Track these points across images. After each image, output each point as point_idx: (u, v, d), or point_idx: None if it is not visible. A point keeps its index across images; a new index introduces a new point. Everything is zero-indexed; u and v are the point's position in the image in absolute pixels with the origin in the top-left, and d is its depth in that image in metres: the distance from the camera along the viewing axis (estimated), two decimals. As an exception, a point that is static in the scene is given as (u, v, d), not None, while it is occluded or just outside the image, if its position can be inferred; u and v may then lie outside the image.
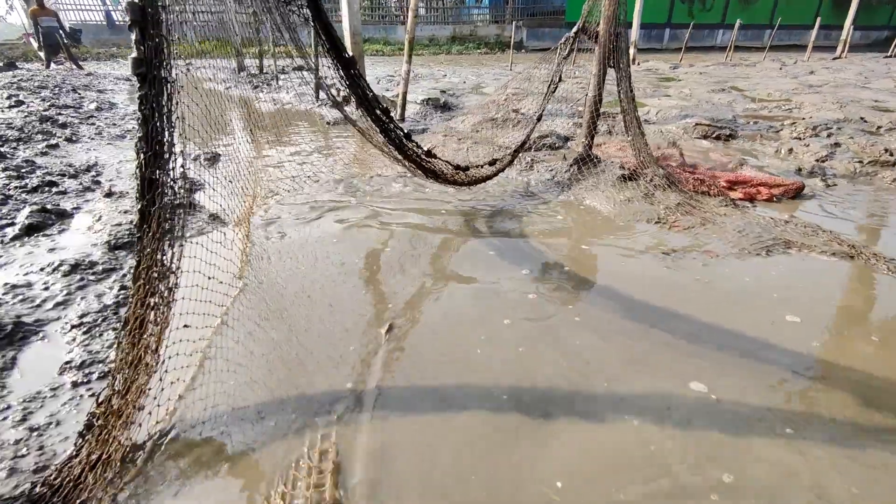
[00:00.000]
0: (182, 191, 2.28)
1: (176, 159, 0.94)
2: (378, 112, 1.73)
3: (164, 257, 0.93)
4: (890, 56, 14.94)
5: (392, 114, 4.75)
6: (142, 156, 0.88)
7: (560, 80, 2.71)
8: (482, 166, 2.27)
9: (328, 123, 4.18)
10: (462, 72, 10.08)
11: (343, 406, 1.00)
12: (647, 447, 0.91)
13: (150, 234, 0.89)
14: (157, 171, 0.90)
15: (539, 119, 2.68)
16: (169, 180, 0.93)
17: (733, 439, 0.92)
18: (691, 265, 1.61)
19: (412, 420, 0.97)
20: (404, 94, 4.31)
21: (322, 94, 5.96)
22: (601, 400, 1.02)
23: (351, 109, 2.15)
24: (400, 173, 2.65)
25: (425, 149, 1.88)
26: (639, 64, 11.20)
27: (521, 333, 1.25)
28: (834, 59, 12.03)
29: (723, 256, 1.66)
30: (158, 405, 0.93)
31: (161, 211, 0.90)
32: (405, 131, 1.79)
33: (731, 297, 1.42)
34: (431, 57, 17.15)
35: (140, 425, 0.90)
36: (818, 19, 12.85)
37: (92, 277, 1.50)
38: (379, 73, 8.91)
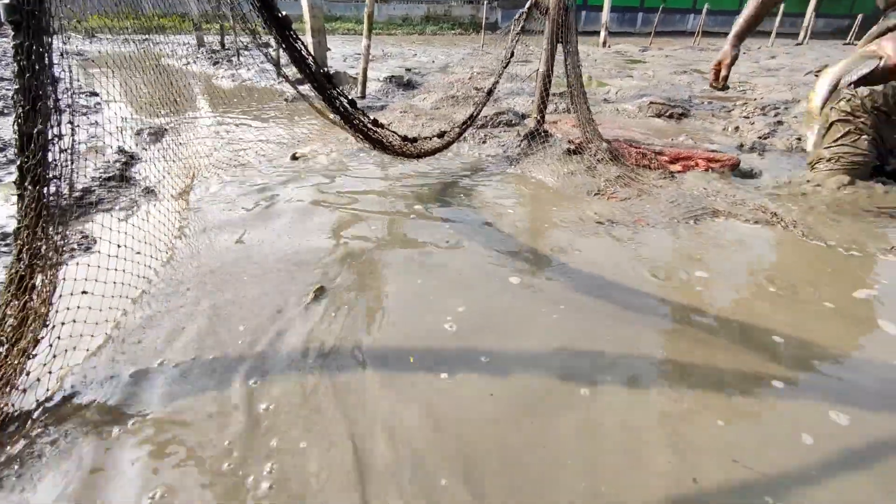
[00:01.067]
0: (116, 163, 2.18)
1: (61, 115, 0.90)
2: (320, 78, 1.68)
3: (51, 221, 0.89)
4: (848, 43, 15.37)
5: (354, 91, 4.62)
6: (20, 109, 0.84)
7: (512, 55, 2.71)
8: (430, 138, 2.26)
9: (286, 100, 4.07)
10: (433, 51, 9.92)
11: (254, 374, 1.00)
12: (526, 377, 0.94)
13: (32, 193, 0.86)
14: (39, 126, 0.86)
15: (489, 94, 2.67)
16: (54, 137, 0.89)
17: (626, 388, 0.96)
18: (621, 233, 1.66)
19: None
20: (364, 70, 4.23)
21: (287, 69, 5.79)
22: (507, 352, 1.05)
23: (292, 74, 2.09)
24: (354, 150, 2.61)
25: (371, 118, 1.86)
26: (609, 47, 11.22)
27: (453, 297, 1.26)
28: (796, 44, 12.33)
29: (653, 225, 1.71)
30: (50, 372, 0.91)
31: (43, 168, 0.86)
32: (349, 98, 1.74)
33: (651, 258, 1.47)
34: (404, 36, 16.80)
35: (25, 391, 0.88)
36: (781, 6, 13.09)
37: None
38: (347, 52, 8.70)
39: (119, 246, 1.22)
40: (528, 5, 2.65)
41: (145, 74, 2.22)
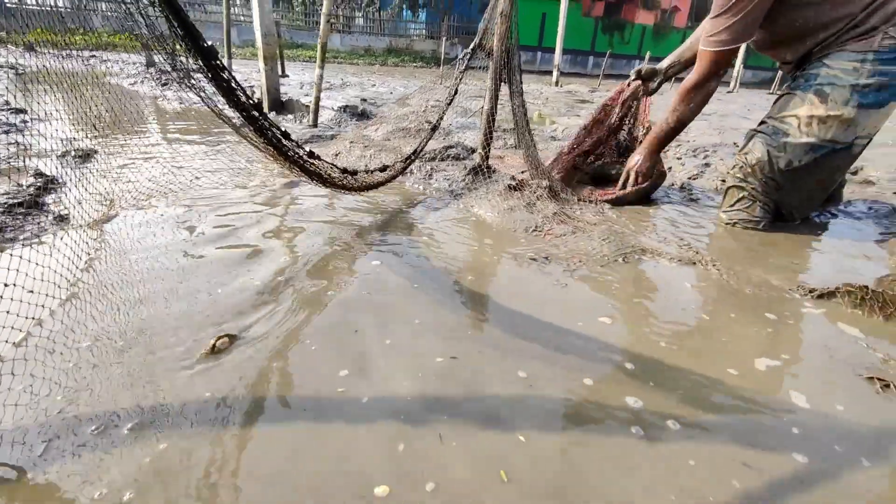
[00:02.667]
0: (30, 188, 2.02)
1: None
2: (249, 108, 1.63)
3: None
4: (772, 92, 16.95)
5: (306, 119, 4.58)
6: None
7: (456, 92, 2.78)
8: (373, 172, 2.24)
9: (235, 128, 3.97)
10: (392, 83, 10.10)
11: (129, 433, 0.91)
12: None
13: None
14: None
15: (434, 129, 2.72)
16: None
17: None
18: (554, 270, 1.68)
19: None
20: (317, 99, 4.22)
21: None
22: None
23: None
24: (291, 181, 2.56)
25: (307, 150, 1.82)
26: (561, 86, 11.83)
27: (369, 336, 1.22)
28: (728, 92, 13.48)
29: (585, 263, 1.75)
30: None
31: None
32: (282, 129, 1.69)
33: (578, 298, 1.50)
34: (366, 67, 17.08)
35: None
36: (715, 56, 14.28)
37: None
38: (306, 79, 8.71)
39: (24, 288, 1.11)
40: (471, 46, 2.75)
41: (85, 93, 2.11)
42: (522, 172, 2.81)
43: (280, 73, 9.45)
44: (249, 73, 8.69)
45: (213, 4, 21.43)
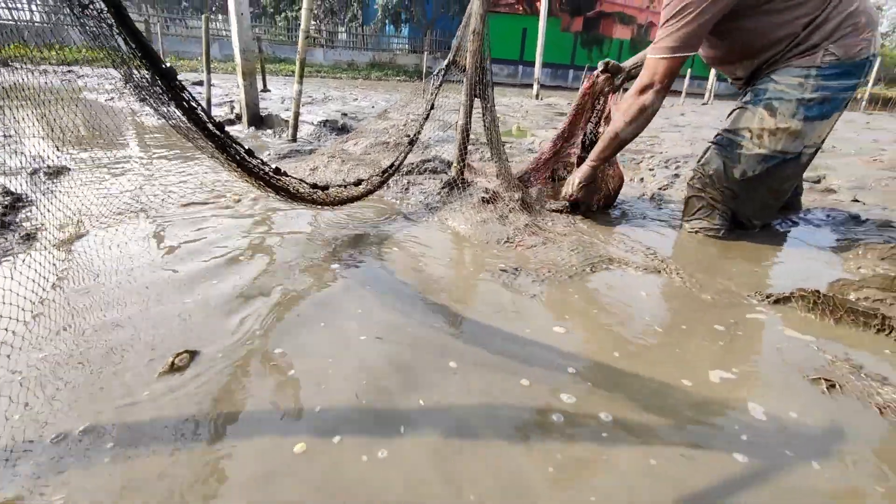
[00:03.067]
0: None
1: None
2: (210, 127, 1.64)
3: None
4: (745, 104, 17.34)
5: (285, 134, 4.59)
6: None
7: (432, 107, 2.84)
8: (346, 186, 2.27)
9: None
10: (375, 96, 10.18)
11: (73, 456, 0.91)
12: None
13: None
14: None
15: (412, 143, 2.76)
16: None
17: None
18: (523, 281, 1.72)
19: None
20: (296, 114, 4.25)
21: (215, 111, 5.68)
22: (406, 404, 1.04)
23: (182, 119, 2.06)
24: (261, 196, 2.57)
25: (273, 167, 1.83)
26: (542, 99, 12.05)
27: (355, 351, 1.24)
28: (703, 104, 13.89)
29: (554, 273, 1.80)
30: None
31: None
32: (245, 147, 1.71)
33: (546, 308, 1.54)
34: (349, 81, 17.19)
35: None
36: (689, 70, 14.80)
37: None
38: (287, 94, 8.73)
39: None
40: (445, 63, 2.82)
41: (60, 109, 2.11)
42: (497, 185, 2.86)
43: (261, 87, 9.47)
44: (231, 88, 8.68)
45: (194, 20, 21.42)
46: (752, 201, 2.23)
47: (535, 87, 12.70)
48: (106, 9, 1.30)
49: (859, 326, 1.52)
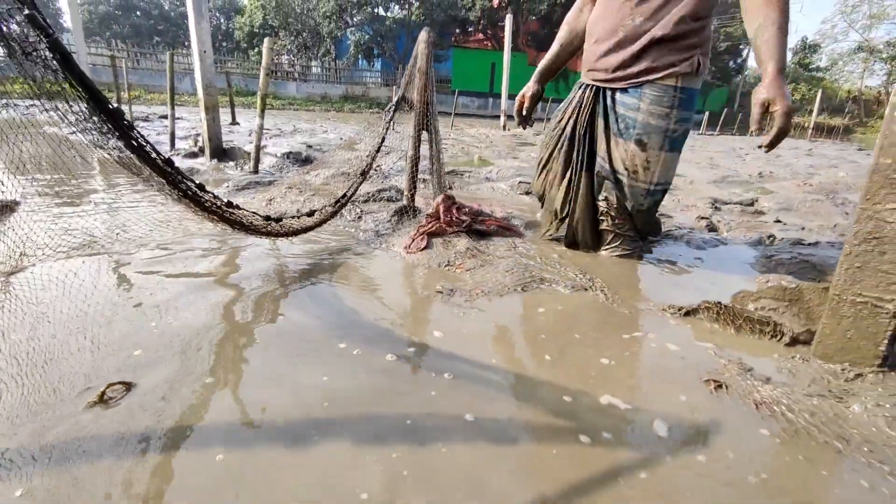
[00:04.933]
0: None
1: None
2: (160, 164, 1.71)
3: None
4: (702, 133, 18.50)
5: (247, 166, 4.66)
6: None
7: (383, 140, 2.99)
8: (299, 217, 2.36)
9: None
10: (345, 129, 10.39)
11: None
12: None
13: None
14: None
15: (364, 175, 2.90)
16: None
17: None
18: (457, 300, 1.83)
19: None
20: (257, 147, 4.35)
21: (180, 144, 5.73)
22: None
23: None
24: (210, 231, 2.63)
25: (225, 200, 1.91)
26: (508, 130, 12.51)
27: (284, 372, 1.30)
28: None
29: (486, 293, 1.91)
30: None
31: None
32: (196, 182, 1.79)
33: (472, 323, 1.64)
34: (322, 113, 17.45)
35: None
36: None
37: None
38: (255, 127, 8.81)
39: None
40: (395, 99, 2.99)
41: (16, 142, 2.15)
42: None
43: (230, 121, 9.56)
44: (198, 122, 8.74)
45: (165, 53, 21.50)
46: (646, 224, 2.46)
47: (503, 118, 13.20)
48: (51, 56, 1.40)
49: (756, 334, 1.67)
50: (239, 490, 0.92)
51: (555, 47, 2.59)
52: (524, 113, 2.66)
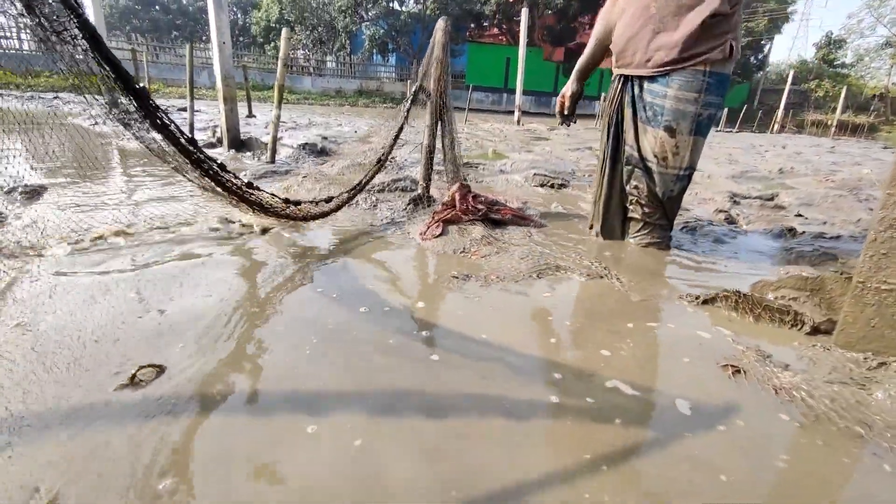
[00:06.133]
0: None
1: None
2: (183, 143, 1.74)
3: None
4: (719, 130, 18.14)
5: (264, 157, 4.71)
6: None
7: (402, 129, 3.00)
8: (317, 202, 2.39)
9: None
10: (359, 122, 10.43)
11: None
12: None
13: None
14: None
15: (380, 162, 2.91)
16: None
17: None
18: (471, 286, 1.84)
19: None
20: (274, 137, 4.40)
21: (198, 135, 5.82)
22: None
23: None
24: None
25: (245, 181, 1.94)
26: (523, 125, 12.44)
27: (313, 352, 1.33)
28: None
29: (501, 279, 1.92)
30: None
31: None
32: (218, 162, 1.82)
33: (487, 308, 1.65)
34: (336, 108, 17.53)
35: None
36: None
37: None
38: (272, 117, 8.90)
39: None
40: (414, 89, 3.00)
41: (44, 132, 2.23)
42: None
43: (247, 114, 9.67)
44: (216, 114, 8.86)
45: (184, 48, 21.80)
46: (675, 210, 2.43)
47: (517, 113, 13.13)
48: (80, 35, 1.44)
49: (775, 322, 1.65)
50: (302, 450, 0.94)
51: (591, 44, 2.53)
52: (566, 112, 2.66)
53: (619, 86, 2.35)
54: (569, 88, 2.58)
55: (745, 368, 1.35)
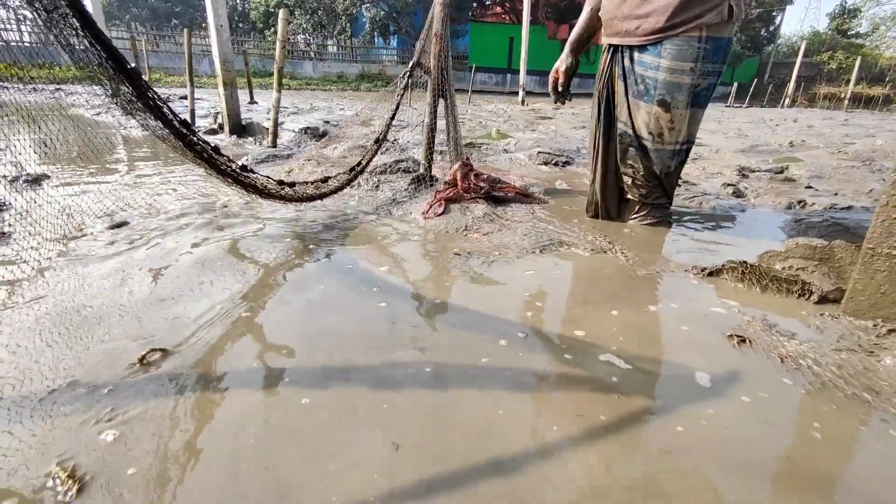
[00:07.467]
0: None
1: None
2: (176, 125, 1.73)
3: None
4: (729, 105, 17.81)
5: (265, 141, 4.67)
6: None
7: (398, 107, 2.95)
8: (313, 183, 2.37)
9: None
10: (360, 106, 10.31)
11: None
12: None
13: None
14: None
15: (378, 143, 2.88)
16: None
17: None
18: (474, 262, 1.83)
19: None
20: (275, 121, 4.37)
21: (200, 122, 5.80)
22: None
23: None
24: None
25: (240, 164, 1.93)
26: (527, 105, 12.26)
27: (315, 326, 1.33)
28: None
29: (503, 255, 1.90)
30: None
31: None
32: (212, 145, 1.81)
33: (490, 283, 1.64)
34: (338, 92, 17.36)
35: None
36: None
37: None
38: (273, 100, 8.84)
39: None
40: (410, 64, 2.94)
41: (46, 123, 2.22)
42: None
43: (249, 100, 9.61)
44: (217, 102, 8.81)
45: (183, 34, 21.59)
46: (673, 185, 2.34)
47: (521, 93, 12.92)
48: (70, 13, 1.42)
49: (783, 293, 1.62)
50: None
51: (585, 11, 2.35)
52: (559, 89, 2.41)
53: (609, 57, 2.19)
54: (562, 62, 2.34)
55: (751, 338, 1.34)
